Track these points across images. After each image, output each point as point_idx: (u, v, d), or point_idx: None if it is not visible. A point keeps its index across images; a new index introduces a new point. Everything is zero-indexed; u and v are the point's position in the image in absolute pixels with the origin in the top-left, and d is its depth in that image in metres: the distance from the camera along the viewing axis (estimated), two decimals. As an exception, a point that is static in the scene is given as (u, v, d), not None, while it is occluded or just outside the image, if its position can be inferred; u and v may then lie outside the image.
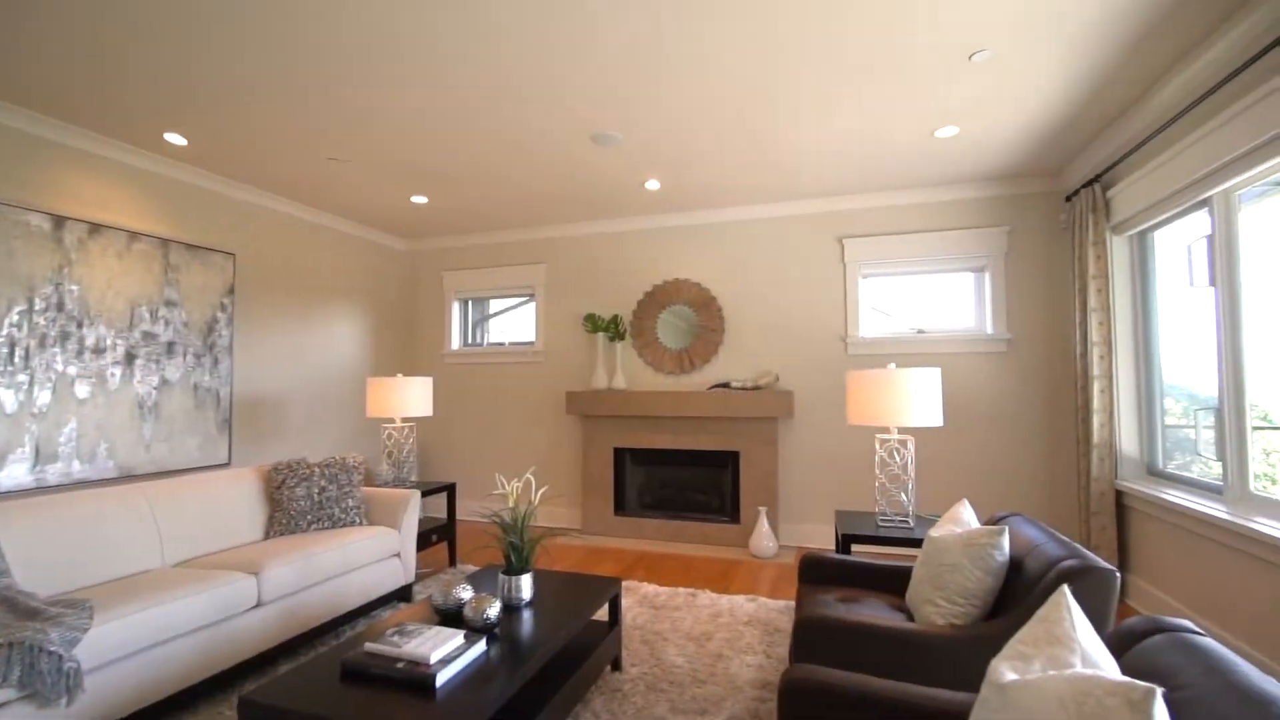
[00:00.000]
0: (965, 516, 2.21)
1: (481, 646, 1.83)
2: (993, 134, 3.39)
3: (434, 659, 1.67)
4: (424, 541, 3.78)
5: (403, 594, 3.39)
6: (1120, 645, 1.33)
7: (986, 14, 2.32)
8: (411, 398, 3.96)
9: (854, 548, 4.21)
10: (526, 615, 2.15)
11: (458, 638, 1.79)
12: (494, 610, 1.96)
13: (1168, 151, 2.85)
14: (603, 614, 3.06)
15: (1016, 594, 1.86)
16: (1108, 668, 1.12)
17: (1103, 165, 3.45)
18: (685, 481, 4.99)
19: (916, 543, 2.67)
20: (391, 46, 2.52)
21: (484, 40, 2.48)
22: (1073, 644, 1.13)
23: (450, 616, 2.06)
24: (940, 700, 1.31)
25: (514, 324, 5.80)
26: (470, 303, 5.92)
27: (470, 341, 5.90)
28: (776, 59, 2.63)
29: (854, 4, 2.26)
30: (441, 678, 1.63)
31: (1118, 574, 1.64)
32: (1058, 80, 2.81)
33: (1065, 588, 1.24)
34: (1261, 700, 1.00)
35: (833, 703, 1.39)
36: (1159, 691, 0.87)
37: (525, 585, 2.21)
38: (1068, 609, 1.20)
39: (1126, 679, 0.92)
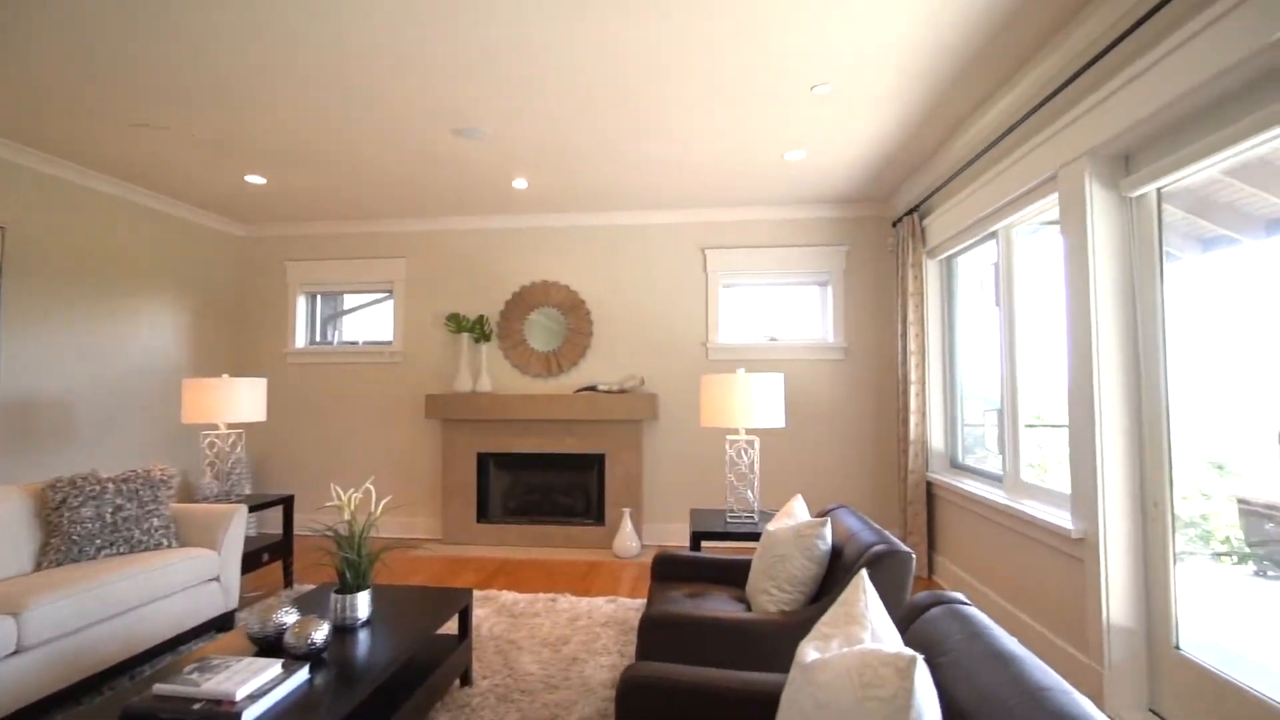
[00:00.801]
0: (798, 510, 2.41)
1: (303, 675, 1.67)
2: (834, 160, 3.74)
3: (240, 695, 1.49)
4: (254, 562, 3.39)
5: (223, 622, 3.01)
6: (909, 617, 1.52)
7: (823, 52, 2.55)
8: (239, 400, 3.54)
9: (706, 544, 4.41)
10: (362, 636, 2.00)
11: (273, 668, 1.62)
12: (321, 634, 1.80)
13: (966, 190, 3.32)
14: (454, 626, 2.94)
15: (836, 578, 2.05)
16: (891, 640, 1.27)
17: (920, 197, 3.94)
18: (551, 485, 4.95)
19: (759, 537, 2.86)
20: None
21: (333, 16, 2.28)
22: (865, 622, 1.27)
23: (269, 644, 1.86)
24: (763, 683, 1.40)
25: (370, 322, 5.41)
26: (319, 297, 5.42)
27: (319, 339, 5.40)
28: (641, 73, 2.70)
29: (707, 30, 2.37)
30: (249, 715, 1.46)
31: (913, 555, 1.87)
32: (884, 118, 3.16)
33: (864, 572, 1.38)
34: (1004, 656, 1.19)
35: (666, 696, 1.44)
36: (919, 658, 1.00)
37: (362, 604, 2.06)
38: (864, 590, 1.34)
39: (896, 650, 1.04)
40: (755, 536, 2.88)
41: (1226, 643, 2.94)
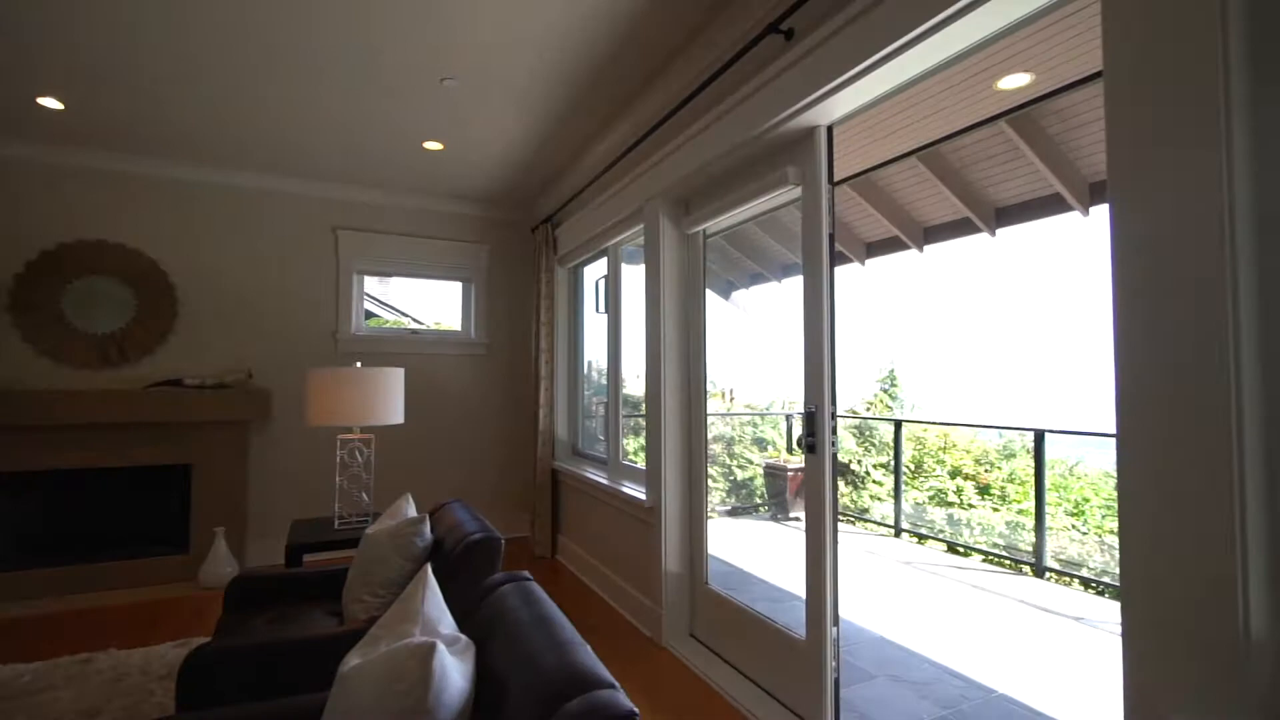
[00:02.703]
0: (406, 510, 2.34)
1: None
2: (474, 158, 3.78)
3: None
4: None
5: None
6: (483, 596, 1.61)
7: (449, 45, 2.53)
8: None
9: (315, 557, 3.98)
10: None
11: None
12: None
13: (587, 208, 3.76)
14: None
15: (438, 573, 2.06)
16: (446, 628, 1.32)
17: (554, 208, 4.30)
18: (109, 510, 3.79)
19: (373, 541, 2.69)
20: None
21: None
22: (417, 617, 1.28)
23: None
24: (300, 706, 1.30)
25: None
26: None
27: None
28: (239, 14, 2.24)
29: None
30: None
31: (501, 540, 2.00)
32: (515, 126, 3.31)
33: (427, 567, 1.40)
34: (545, 620, 1.34)
35: (184, 752, 1.21)
36: (437, 644, 1.05)
37: None
38: (424, 585, 1.36)
39: (420, 640, 1.08)
40: (368, 542, 2.71)
41: (749, 570, 3.96)
